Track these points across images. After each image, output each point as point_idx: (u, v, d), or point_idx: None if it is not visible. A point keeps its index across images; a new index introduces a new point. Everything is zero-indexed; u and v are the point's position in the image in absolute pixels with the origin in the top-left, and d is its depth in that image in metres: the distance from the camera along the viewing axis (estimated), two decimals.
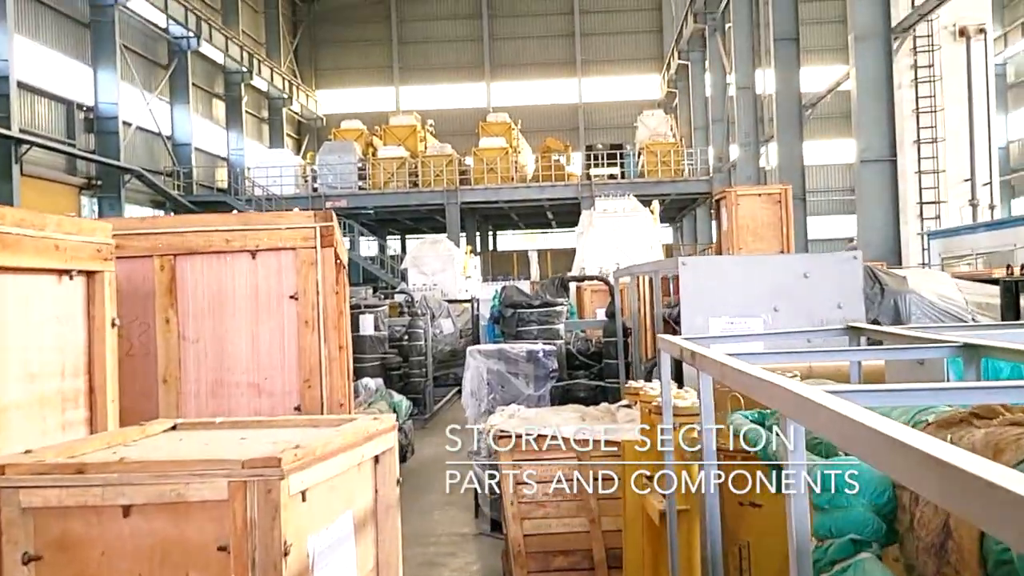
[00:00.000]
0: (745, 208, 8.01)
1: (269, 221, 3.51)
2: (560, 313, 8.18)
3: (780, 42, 21.54)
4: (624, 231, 17.27)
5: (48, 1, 25.10)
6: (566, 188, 33.49)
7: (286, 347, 3.46)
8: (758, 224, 7.99)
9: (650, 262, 6.27)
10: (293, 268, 3.47)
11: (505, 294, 8.13)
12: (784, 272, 5.05)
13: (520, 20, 47.36)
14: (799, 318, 5.03)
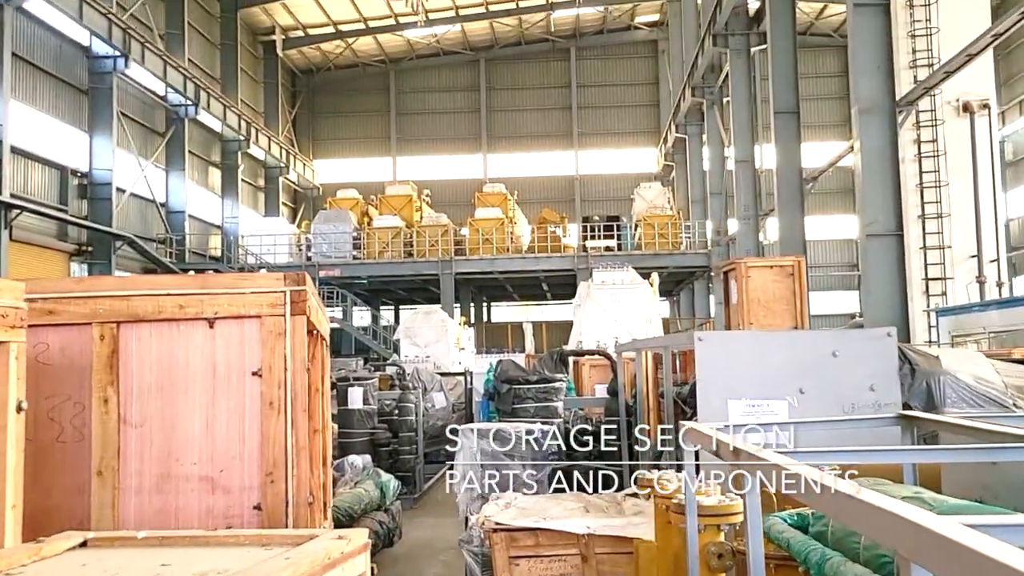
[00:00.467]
0: (756, 280, 7.55)
1: (230, 284, 3.01)
2: (559, 390, 7.67)
3: (780, 115, 21.37)
4: (623, 304, 16.83)
5: (47, 68, 24.99)
6: (562, 260, 33.18)
7: (247, 433, 2.95)
8: (769, 297, 7.53)
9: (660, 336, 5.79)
10: (258, 339, 2.97)
11: (500, 369, 7.63)
12: (811, 350, 4.57)
13: (517, 92, 47.65)
14: (827, 401, 4.54)
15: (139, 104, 30.35)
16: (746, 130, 26.39)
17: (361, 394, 12.63)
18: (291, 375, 2.84)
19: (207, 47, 36.54)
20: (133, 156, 29.38)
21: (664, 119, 45.24)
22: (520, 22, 44.85)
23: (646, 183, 36.96)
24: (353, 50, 45.04)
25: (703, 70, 31.17)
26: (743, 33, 26.28)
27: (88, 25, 24.60)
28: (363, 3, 39.89)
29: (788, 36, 21.39)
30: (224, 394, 2.90)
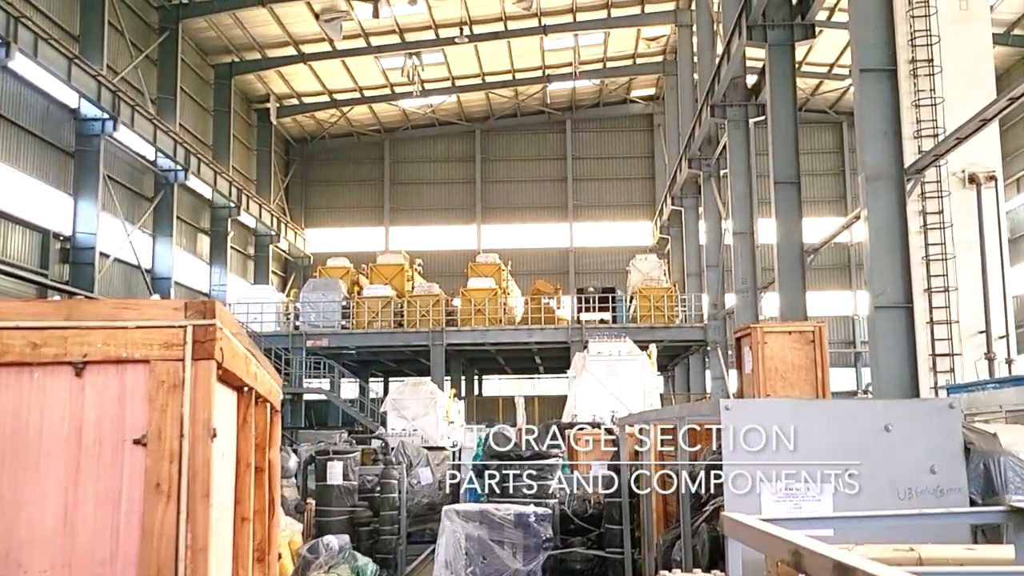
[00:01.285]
0: (773, 347, 6.81)
1: (107, 315, 2.17)
2: (554, 467, 6.89)
3: (781, 185, 20.89)
4: (619, 376, 16.07)
5: (32, 129, 24.52)
6: (556, 332, 32.47)
7: (122, 526, 2.07)
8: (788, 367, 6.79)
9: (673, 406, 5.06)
10: (144, 393, 2.13)
11: (489, 443, 6.85)
12: (860, 423, 3.83)
13: (513, 164, 47.48)
14: (880, 484, 3.79)
15: (127, 168, 29.86)
16: (744, 201, 25.94)
17: (341, 469, 11.77)
18: (190, 445, 2.01)
19: (199, 113, 36.26)
20: (119, 221, 28.77)
21: (659, 192, 44.99)
22: (516, 94, 44.85)
23: (642, 255, 36.47)
24: (348, 119, 44.90)
25: (700, 142, 30.89)
26: (741, 104, 26.02)
27: (76, 86, 24.20)
28: (359, 72, 39.81)
29: (788, 104, 21.03)
30: (92, 471, 2.06)
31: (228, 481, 2.22)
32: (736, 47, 23.25)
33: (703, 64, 31.50)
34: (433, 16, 35.43)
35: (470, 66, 40.95)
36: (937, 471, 3.78)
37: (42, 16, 24.49)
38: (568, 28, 37.76)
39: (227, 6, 32.24)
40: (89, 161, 26.14)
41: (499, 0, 34.99)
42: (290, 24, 34.74)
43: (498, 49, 39.29)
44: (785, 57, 21.00)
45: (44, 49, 22.48)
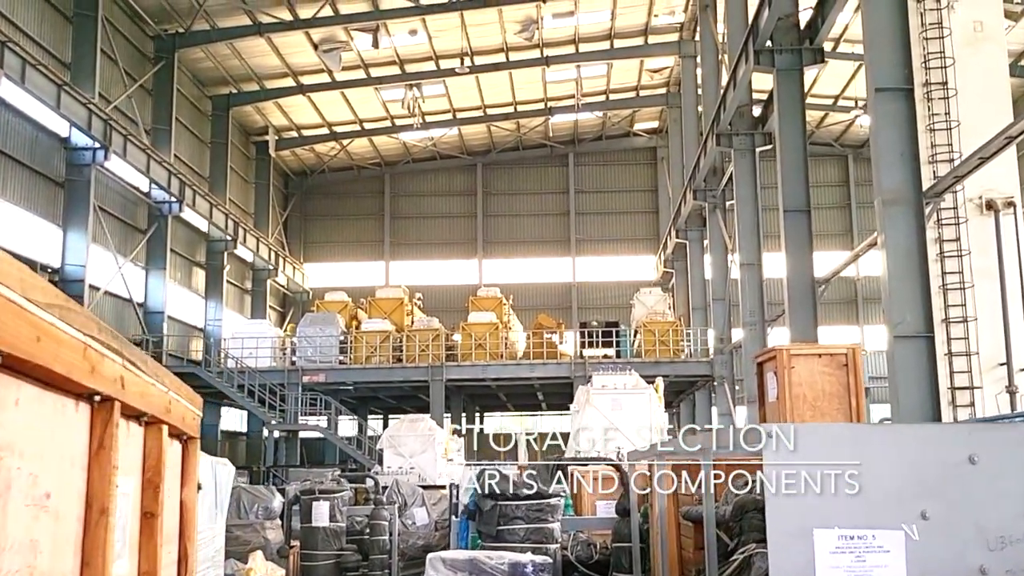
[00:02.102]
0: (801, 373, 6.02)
1: None
2: (555, 508, 6.10)
3: (791, 214, 20.19)
4: (625, 410, 15.27)
5: (19, 158, 23.94)
6: (558, 367, 31.63)
7: None
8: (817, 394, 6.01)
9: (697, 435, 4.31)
10: None
11: (484, 481, 6.08)
12: (936, 453, 3.07)
13: (514, 198, 46.91)
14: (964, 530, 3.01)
15: (119, 199, 29.25)
16: (751, 232, 25.22)
17: (327, 509, 10.95)
18: None
19: (196, 145, 35.74)
20: (110, 253, 28.10)
21: (663, 226, 44.36)
22: (518, 127, 44.40)
23: (646, 289, 35.73)
24: (348, 152, 44.43)
25: (705, 173, 30.28)
26: (747, 133, 25.39)
27: (66, 114, 23.63)
28: (359, 104, 39.36)
29: (797, 130, 20.38)
30: None
31: (56, 535, 1.47)
32: (743, 73, 22.69)
33: (708, 93, 30.96)
34: (434, 47, 35.02)
35: (471, 98, 40.52)
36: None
37: (31, 42, 23.99)
38: (570, 59, 37.34)
39: (224, 36, 31.81)
40: (79, 191, 25.51)
41: (501, 31, 34.60)
42: (289, 55, 34.31)
43: (500, 81, 38.86)
44: (793, 82, 20.37)
45: (32, 75, 21.93)
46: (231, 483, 8.06)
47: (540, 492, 6.00)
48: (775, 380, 6.18)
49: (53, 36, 25.49)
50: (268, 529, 11.45)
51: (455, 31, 33.88)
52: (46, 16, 25.22)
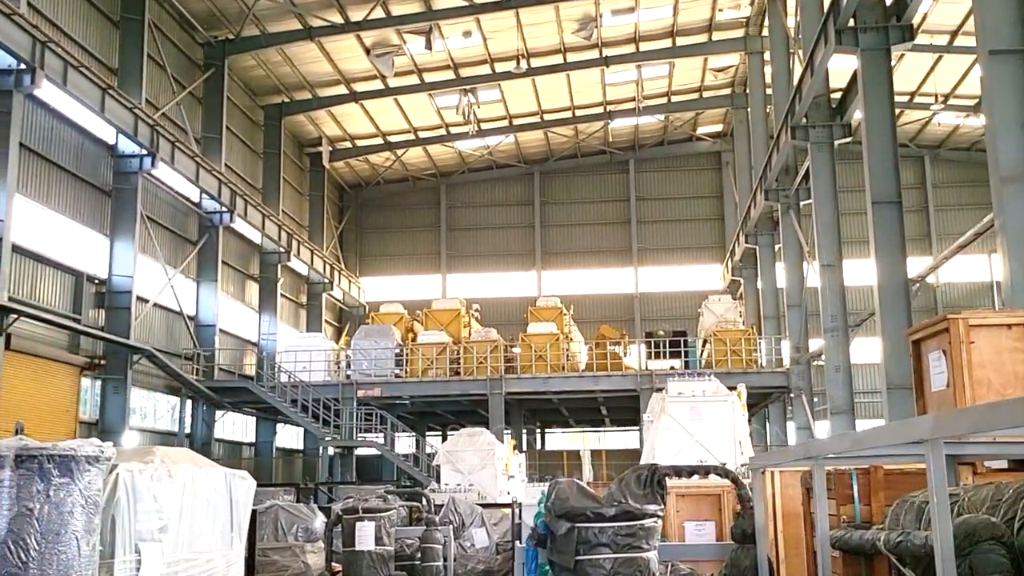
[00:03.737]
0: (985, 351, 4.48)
1: None
2: (651, 531, 4.68)
3: (880, 206, 18.48)
4: (704, 420, 13.74)
5: (66, 165, 23.19)
6: (624, 379, 30.02)
7: None
8: (1007, 378, 4.50)
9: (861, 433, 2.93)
10: None
11: (556, 496, 4.67)
12: None
13: (573, 207, 45.51)
14: None
15: (169, 209, 28.48)
16: (831, 231, 23.49)
17: (372, 531, 9.61)
18: None
19: (248, 155, 35.00)
20: (160, 264, 27.31)
21: (729, 233, 42.62)
22: (576, 132, 43.04)
23: (715, 296, 33.98)
24: (403, 163, 43.47)
25: (777, 172, 28.58)
26: (825, 124, 23.70)
27: (110, 118, 22.82)
28: (412, 112, 38.37)
29: (885, 114, 18.66)
30: None
31: None
32: (821, 59, 21.06)
33: (779, 87, 29.33)
34: (488, 49, 33.87)
35: (528, 103, 39.30)
36: None
37: (75, 45, 23.29)
38: (631, 59, 35.90)
39: (275, 41, 31.01)
40: (127, 200, 24.72)
41: (558, 30, 33.33)
42: (340, 60, 33.43)
43: (557, 84, 37.58)
44: (880, 62, 18.70)
45: (75, 78, 21.15)
46: (250, 500, 6.76)
47: (631, 511, 4.60)
48: (944, 362, 4.68)
49: (99, 40, 24.81)
50: (308, 553, 10.16)
51: (510, 31, 32.69)
52: (91, 20, 24.55)
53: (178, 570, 5.58)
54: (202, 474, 5.98)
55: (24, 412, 20.27)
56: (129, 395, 24.21)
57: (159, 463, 5.56)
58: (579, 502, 4.71)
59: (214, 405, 29.62)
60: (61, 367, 22.47)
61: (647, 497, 4.77)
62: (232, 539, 6.37)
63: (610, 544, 4.62)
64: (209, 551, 6.00)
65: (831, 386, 23.04)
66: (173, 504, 5.55)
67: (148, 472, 5.33)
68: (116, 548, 4.98)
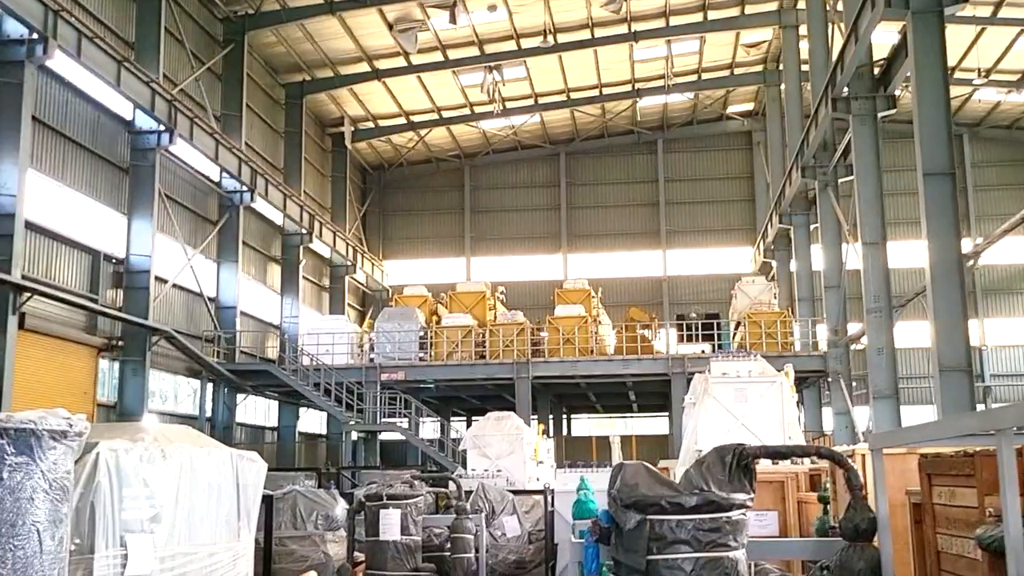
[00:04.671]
0: None
1: None
2: (739, 525, 3.85)
3: (932, 178, 17.48)
4: (751, 403, 12.85)
5: (82, 141, 22.54)
6: (654, 363, 29.12)
7: None
8: None
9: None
10: None
11: (624, 483, 3.83)
12: None
13: (600, 188, 44.53)
14: None
15: (188, 188, 27.81)
16: (874, 207, 22.44)
17: (397, 519, 8.83)
18: None
19: (269, 135, 34.28)
20: (179, 244, 26.66)
21: (760, 215, 41.56)
22: (603, 111, 42.02)
23: (748, 278, 32.98)
24: (426, 143, 42.61)
25: (814, 148, 27.53)
26: (868, 96, 22.62)
27: (127, 92, 22.12)
28: (436, 90, 37.51)
29: (938, 79, 17.68)
30: None
31: None
32: (866, 25, 20.04)
33: (816, 60, 28.25)
34: (514, 23, 32.92)
35: (554, 81, 38.34)
36: None
37: (90, 16, 22.59)
38: (660, 34, 34.83)
39: (295, 16, 30.19)
40: (144, 177, 24.03)
41: (585, 4, 32.32)
42: (363, 37, 32.59)
43: (584, 60, 36.59)
44: (931, 24, 17.72)
45: (89, 49, 20.46)
46: (260, 484, 5.97)
47: (716, 500, 3.77)
48: None
49: (114, 12, 24.09)
50: (329, 542, 9.41)
51: (536, 5, 31.74)
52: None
53: (174, 566, 4.80)
54: (203, 455, 5.19)
55: (39, 393, 19.71)
56: (148, 377, 23.59)
57: (151, 441, 4.77)
58: (652, 489, 3.87)
59: (235, 388, 29.01)
60: (78, 348, 21.86)
61: (733, 484, 3.92)
62: (239, 529, 5.58)
63: (690, 541, 3.78)
64: (212, 543, 5.22)
65: (874, 370, 22.05)
66: (168, 489, 4.77)
67: (136, 452, 4.54)
68: (96, 541, 4.20)
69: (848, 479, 3.86)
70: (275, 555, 8.84)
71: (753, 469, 3.96)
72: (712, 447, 4.06)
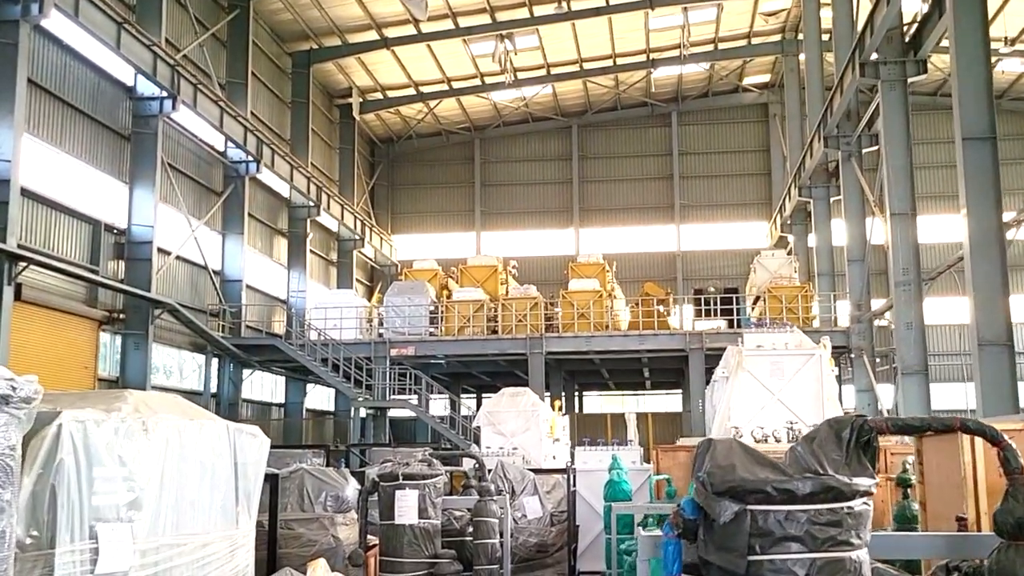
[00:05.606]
0: None
1: None
2: (861, 518, 3.04)
3: (971, 143, 16.58)
4: (787, 376, 12.05)
5: (82, 107, 21.71)
6: (671, 338, 28.31)
7: None
8: None
9: None
10: None
11: (715, 463, 3.02)
12: None
13: (613, 161, 43.57)
14: None
15: (192, 158, 26.98)
16: (903, 176, 21.58)
17: (415, 501, 8.07)
18: None
19: (276, 104, 33.40)
20: (183, 215, 25.87)
21: (776, 189, 40.63)
22: (617, 83, 41.00)
23: (768, 251, 32.09)
24: (435, 115, 41.67)
25: (838, 117, 26.58)
26: (898, 60, 21.71)
27: (127, 56, 21.26)
28: (446, 60, 36.54)
29: (978, 39, 16.79)
30: None
31: None
32: None
33: (841, 25, 27.23)
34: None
35: (567, 51, 37.34)
36: None
37: None
38: (677, 1, 33.73)
39: None
40: (146, 145, 23.22)
41: None
42: (371, 3, 31.64)
43: (598, 29, 35.55)
44: None
45: (87, 9, 19.58)
46: (263, 463, 5.18)
47: (835, 486, 2.98)
48: None
49: None
50: (339, 525, 8.63)
51: None
52: None
53: (159, 559, 4.02)
54: (194, 428, 4.39)
55: (38, 366, 18.97)
56: (151, 351, 22.87)
57: (130, 412, 3.98)
58: (751, 472, 3.07)
59: (241, 364, 28.30)
60: (78, 320, 21.12)
61: (852, 466, 3.12)
62: (237, 515, 4.80)
63: (804, 537, 2.99)
64: (205, 532, 4.44)
65: (902, 345, 21.24)
66: (150, 469, 3.98)
67: (110, 424, 3.75)
68: (59, 533, 3.42)
69: (1005, 460, 3.06)
70: (280, 539, 8.09)
71: (876, 447, 3.15)
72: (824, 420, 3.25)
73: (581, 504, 14.40)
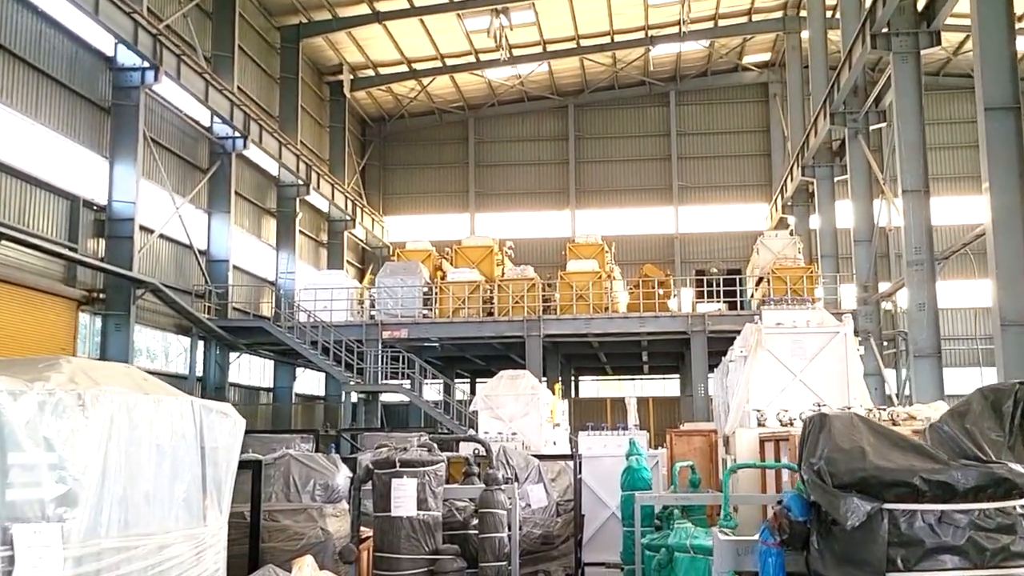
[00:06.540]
0: None
1: None
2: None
3: (993, 113, 15.80)
4: (809, 356, 11.27)
5: (59, 77, 20.74)
6: (672, 320, 27.56)
7: None
8: None
9: None
10: None
11: (836, 446, 2.23)
12: None
13: (610, 141, 42.68)
14: None
15: (177, 133, 26.02)
16: (916, 152, 20.79)
17: (414, 490, 7.26)
18: None
19: (263, 80, 32.40)
20: (166, 192, 24.93)
21: (776, 170, 39.88)
22: (614, 61, 40.08)
23: (771, 232, 31.32)
24: (429, 94, 40.71)
25: (845, 92, 25.76)
26: (910, 32, 20.91)
27: (105, 22, 20.28)
28: (440, 36, 35.57)
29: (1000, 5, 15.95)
30: None
31: None
32: None
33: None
34: None
35: (564, 27, 36.40)
36: None
37: None
38: None
39: None
40: (127, 118, 22.27)
41: None
42: None
43: (596, 4, 34.66)
44: None
45: None
46: (236, 447, 4.34)
47: (1008, 477, 2.20)
48: None
49: None
50: (329, 516, 7.84)
51: None
52: None
53: (101, 567, 3.20)
54: (149, 405, 3.55)
55: (13, 348, 18.10)
56: (132, 333, 22.00)
57: (63, 382, 3.14)
58: (887, 458, 2.25)
59: (228, 347, 27.41)
60: (55, 300, 20.18)
61: (1017, 449, 2.31)
62: (205, 510, 3.96)
63: (965, 548, 2.17)
64: (163, 531, 3.60)
65: (915, 326, 20.50)
66: (89, 454, 3.14)
67: (32, 398, 2.91)
68: None
69: None
70: (264, 532, 7.28)
71: None
72: (975, 389, 2.44)
73: (585, 492, 13.62)
